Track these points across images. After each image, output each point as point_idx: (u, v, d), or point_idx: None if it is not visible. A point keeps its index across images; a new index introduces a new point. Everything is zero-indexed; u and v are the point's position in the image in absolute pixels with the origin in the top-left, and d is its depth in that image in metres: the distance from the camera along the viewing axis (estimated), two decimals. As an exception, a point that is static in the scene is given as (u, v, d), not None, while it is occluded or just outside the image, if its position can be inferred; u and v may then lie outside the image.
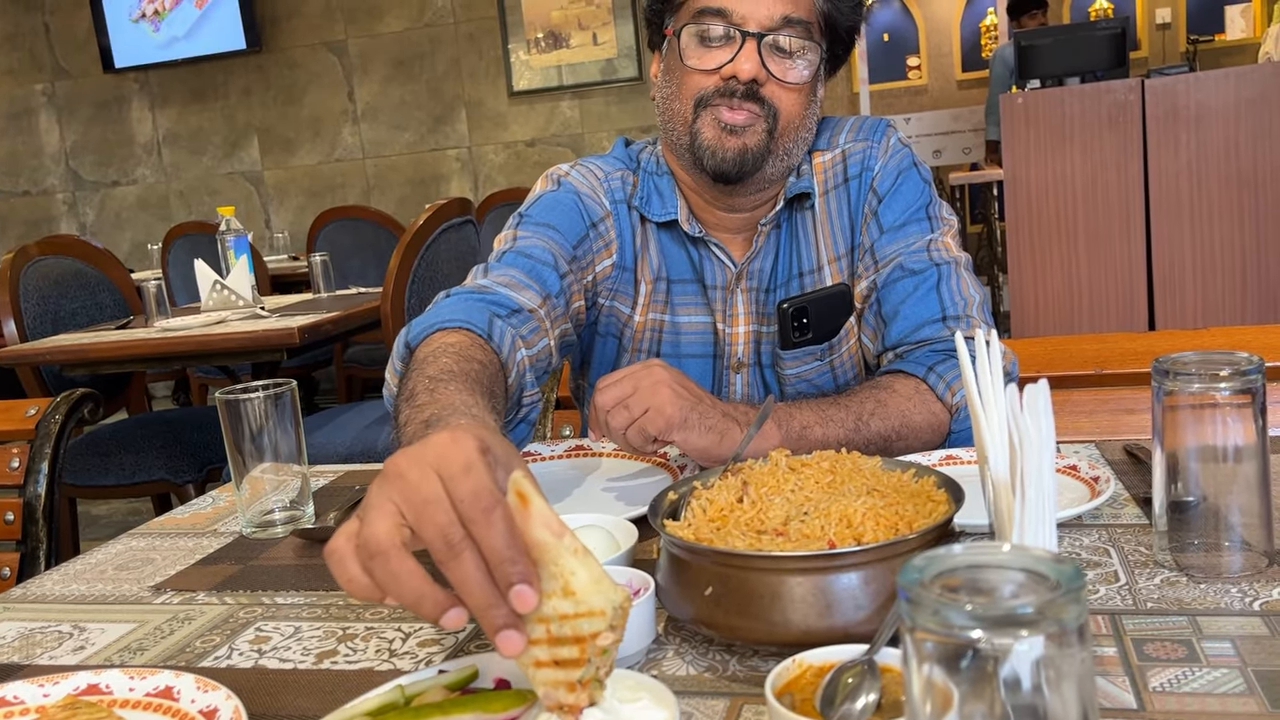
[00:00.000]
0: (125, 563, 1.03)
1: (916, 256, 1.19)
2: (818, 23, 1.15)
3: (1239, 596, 0.73)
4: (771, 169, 1.17)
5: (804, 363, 1.23)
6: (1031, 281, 4.03)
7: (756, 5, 1.11)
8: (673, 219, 1.22)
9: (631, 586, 0.74)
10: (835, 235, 1.24)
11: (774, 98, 1.13)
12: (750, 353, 1.25)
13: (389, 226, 4.64)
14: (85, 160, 6.61)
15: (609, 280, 1.24)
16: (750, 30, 1.11)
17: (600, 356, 1.29)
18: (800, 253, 1.24)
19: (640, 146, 1.30)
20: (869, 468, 0.81)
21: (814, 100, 1.19)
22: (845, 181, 1.24)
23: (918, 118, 7.35)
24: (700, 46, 1.14)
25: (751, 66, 1.11)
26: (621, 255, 1.24)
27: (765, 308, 1.24)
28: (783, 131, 1.15)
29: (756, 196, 1.21)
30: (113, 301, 3.13)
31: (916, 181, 1.23)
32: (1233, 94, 3.79)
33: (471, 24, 5.95)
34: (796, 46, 1.13)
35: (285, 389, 1.04)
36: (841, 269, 1.24)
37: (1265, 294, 3.84)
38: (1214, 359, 0.76)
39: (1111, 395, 1.38)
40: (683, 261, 1.25)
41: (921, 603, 0.41)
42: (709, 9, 1.12)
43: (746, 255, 1.23)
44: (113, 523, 3.90)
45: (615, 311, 1.26)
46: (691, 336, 1.25)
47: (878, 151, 1.23)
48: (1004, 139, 3.99)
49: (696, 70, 1.14)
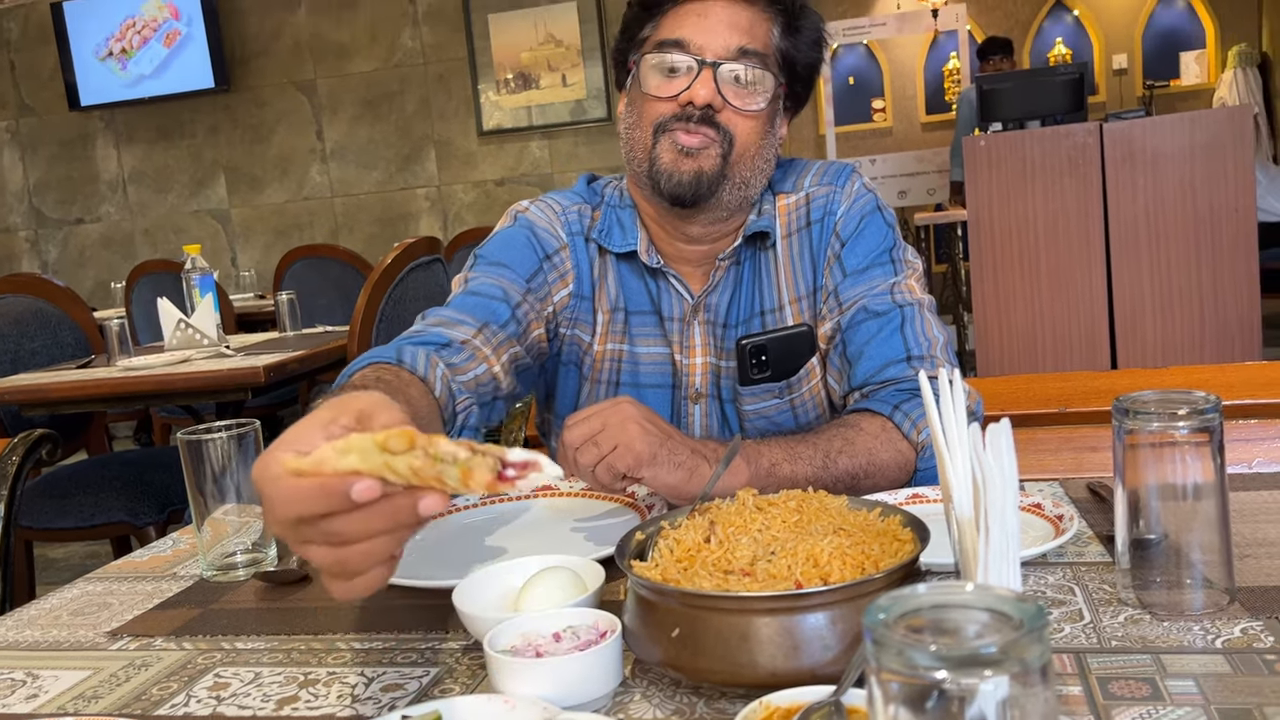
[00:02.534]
0: (81, 608, 1.01)
1: (880, 299, 1.21)
2: (774, 57, 1.19)
3: (1201, 634, 0.73)
4: (728, 195, 1.19)
5: (762, 400, 1.25)
6: (996, 320, 4.08)
7: (713, 36, 1.16)
8: (632, 250, 1.25)
9: (598, 629, 0.74)
10: (797, 277, 1.26)
11: (729, 124, 1.17)
12: (708, 384, 1.26)
13: (356, 265, 4.62)
14: (48, 198, 6.55)
15: (568, 310, 1.26)
16: (707, 59, 1.15)
17: (563, 387, 1.30)
18: (762, 291, 1.26)
19: (605, 181, 1.34)
20: (835, 507, 0.81)
21: (771, 131, 1.22)
22: (808, 225, 1.26)
23: (883, 159, 7.45)
24: (660, 76, 1.18)
25: (707, 92, 1.15)
26: (579, 285, 1.27)
27: (722, 342, 1.26)
28: (738, 158, 1.18)
29: (715, 228, 1.24)
30: (74, 340, 3.09)
31: (880, 226, 1.25)
32: (1188, 138, 3.88)
33: (441, 65, 5.99)
34: (752, 77, 1.17)
35: (249, 429, 1.03)
36: (802, 310, 1.26)
37: (1222, 333, 3.90)
38: (1173, 398, 0.77)
39: (1075, 433, 1.40)
40: (641, 293, 1.27)
41: (886, 643, 0.41)
42: (668, 40, 1.17)
43: (704, 289, 1.25)
44: (70, 566, 3.82)
45: (576, 340, 1.28)
46: (650, 367, 1.27)
47: (840, 196, 1.26)
48: (967, 180, 4.06)
49: (656, 97, 1.18)
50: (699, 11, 1.16)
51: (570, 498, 1.18)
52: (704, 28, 1.16)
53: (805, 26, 1.21)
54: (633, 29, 1.22)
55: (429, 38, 5.97)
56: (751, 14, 1.17)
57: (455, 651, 0.82)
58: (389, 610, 0.92)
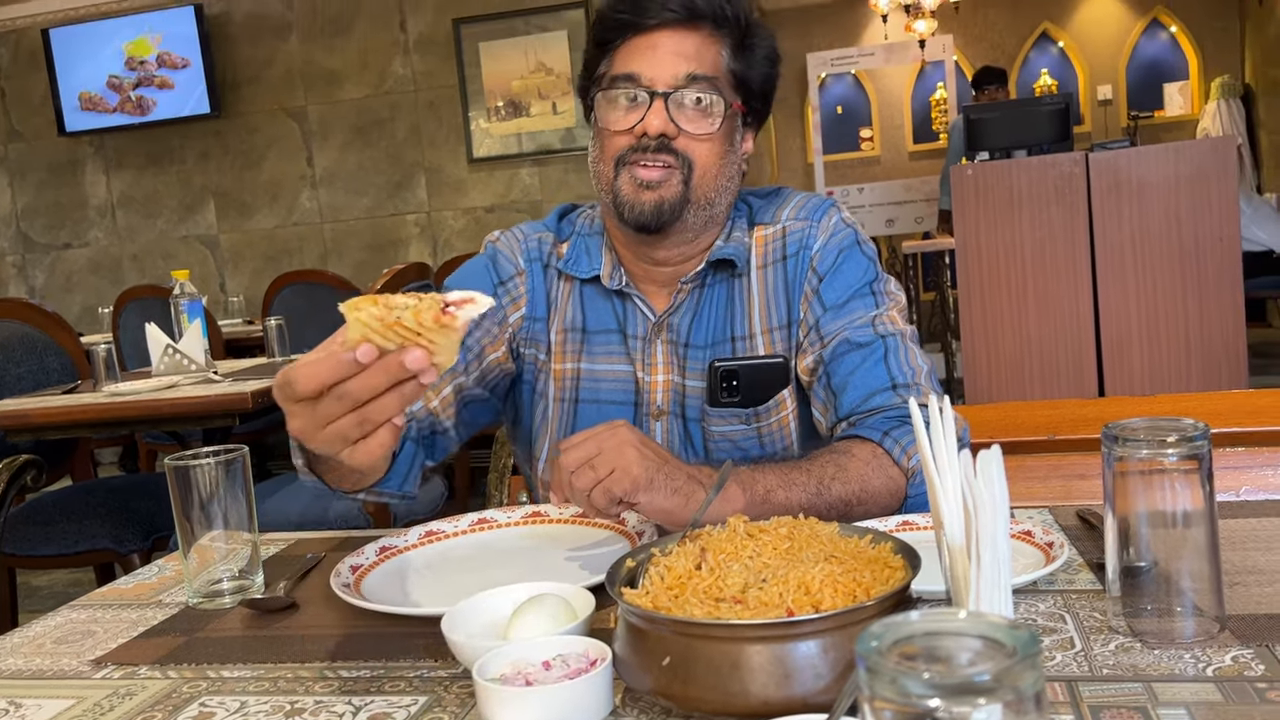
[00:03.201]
0: (64, 635, 1.00)
1: (862, 331, 1.22)
2: (726, 78, 1.22)
3: (1192, 662, 0.73)
4: (693, 217, 1.22)
5: (729, 423, 1.26)
6: (984, 348, 4.09)
7: (662, 68, 1.19)
8: (596, 275, 1.29)
9: (588, 657, 0.73)
10: (770, 308, 1.27)
11: (687, 149, 1.20)
12: (669, 402, 1.28)
13: (346, 290, 4.62)
14: (36, 223, 6.53)
15: (523, 330, 1.32)
16: (658, 90, 1.19)
17: (525, 406, 1.34)
18: (734, 317, 1.28)
19: (579, 211, 1.38)
20: (827, 534, 0.81)
21: (731, 150, 1.24)
22: (784, 258, 1.28)
23: (870, 187, 7.51)
24: (616, 110, 1.21)
25: (659, 122, 1.18)
26: (532, 307, 1.31)
27: (685, 361, 1.28)
28: (699, 180, 1.21)
29: (681, 250, 1.26)
30: (60, 366, 3.07)
31: (859, 259, 1.26)
32: (1173, 168, 3.92)
33: (432, 92, 6.01)
34: (705, 101, 1.20)
35: (237, 455, 1.02)
36: (774, 341, 1.27)
37: (1209, 361, 3.93)
38: (1161, 425, 0.77)
39: (1064, 461, 1.40)
40: (607, 313, 1.30)
41: (879, 671, 0.41)
42: (620, 75, 1.21)
43: (665, 309, 1.28)
44: (53, 594, 3.78)
45: (533, 359, 1.32)
46: (612, 384, 1.29)
47: (817, 231, 1.27)
48: (955, 209, 4.09)
49: (613, 131, 1.21)
50: (648, 44, 1.20)
51: (560, 525, 1.17)
52: (653, 60, 1.19)
53: (757, 45, 1.24)
54: (591, 66, 1.26)
55: (420, 65, 6.00)
56: (698, 40, 1.20)
57: (444, 680, 0.82)
58: (377, 638, 0.91)
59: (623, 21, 1.21)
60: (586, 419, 1.27)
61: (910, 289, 6.03)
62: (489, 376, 1.29)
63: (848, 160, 8.51)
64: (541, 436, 1.33)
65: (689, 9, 1.19)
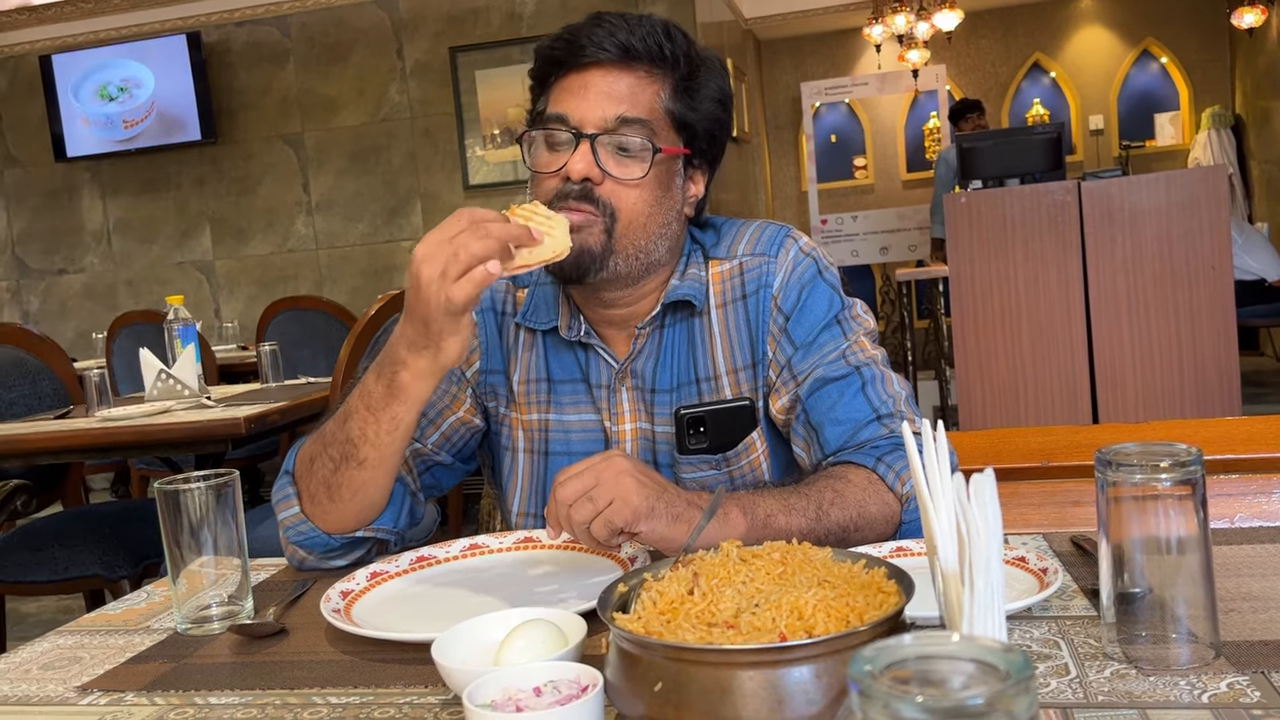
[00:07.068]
0: (51, 661, 0.99)
1: (835, 366, 1.19)
2: (664, 120, 1.17)
3: (1188, 689, 0.73)
4: (621, 267, 1.17)
5: (700, 469, 1.23)
6: (978, 375, 4.10)
7: (592, 108, 1.14)
8: (554, 326, 1.25)
9: (580, 683, 0.73)
10: (734, 348, 1.24)
11: (610, 195, 1.15)
12: (639, 450, 1.25)
13: (340, 317, 4.62)
14: (31, 248, 6.53)
15: (481, 383, 1.29)
16: (585, 131, 1.14)
17: (497, 455, 1.32)
18: (696, 359, 1.24)
19: None
20: (820, 559, 0.81)
21: (666, 196, 1.19)
22: (743, 296, 1.24)
23: (864, 215, 7.54)
24: (546, 150, 1.17)
25: (584, 165, 1.13)
26: (488, 360, 1.28)
27: (652, 407, 1.24)
28: (624, 229, 1.16)
29: (626, 294, 1.22)
30: (54, 391, 3.06)
31: (823, 291, 1.23)
32: (1165, 197, 3.94)
33: (428, 119, 6.04)
34: (636, 146, 1.15)
35: (228, 480, 1.02)
36: (740, 381, 1.24)
37: (1202, 388, 3.93)
38: (1155, 450, 0.77)
39: (1058, 487, 1.40)
40: (570, 362, 1.27)
41: (872, 695, 0.41)
42: (551, 115, 1.17)
43: (627, 355, 1.24)
44: (42, 621, 3.75)
45: (495, 411, 1.30)
46: (581, 434, 1.26)
47: (774, 267, 1.23)
48: (948, 237, 4.10)
49: (542, 173, 1.17)
50: (581, 83, 1.15)
51: (551, 550, 1.16)
52: (584, 100, 1.14)
53: (701, 85, 1.19)
54: (533, 103, 1.23)
55: (416, 93, 6.03)
56: (632, 81, 1.15)
57: (434, 706, 0.81)
58: (367, 664, 0.90)
59: (557, 58, 1.17)
60: (558, 470, 1.25)
61: (904, 316, 6.05)
62: (453, 438, 1.27)
63: (842, 188, 8.56)
64: (511, 489, 1.30)
65: (623, 48, 1.14)
